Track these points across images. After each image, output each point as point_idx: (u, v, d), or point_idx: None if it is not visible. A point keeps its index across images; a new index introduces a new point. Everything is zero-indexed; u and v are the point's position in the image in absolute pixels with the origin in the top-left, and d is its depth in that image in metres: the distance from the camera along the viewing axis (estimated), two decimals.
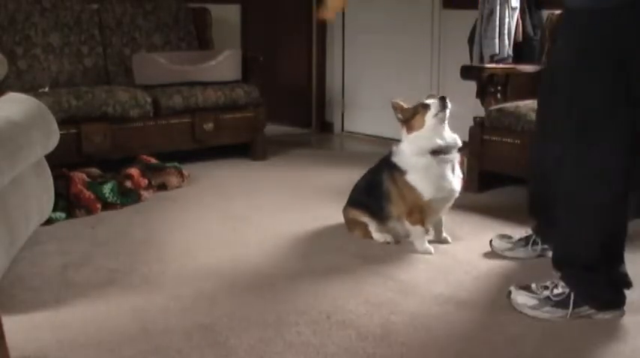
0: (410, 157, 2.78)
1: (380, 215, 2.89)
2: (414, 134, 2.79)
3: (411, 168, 2.77)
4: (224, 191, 3.83)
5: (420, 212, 2.79)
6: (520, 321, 2.18)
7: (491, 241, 2.80)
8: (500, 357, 1.97)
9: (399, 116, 2.84)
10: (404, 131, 2.84)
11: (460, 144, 2.82)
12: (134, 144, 4.09)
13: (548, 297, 2.19)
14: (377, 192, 2.88)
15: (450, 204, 2.86)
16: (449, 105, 2.73)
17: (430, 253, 2.79)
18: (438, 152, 2.75)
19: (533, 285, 2.25)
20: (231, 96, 4.49)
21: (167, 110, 4.24)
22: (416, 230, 2.81)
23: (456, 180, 2.80)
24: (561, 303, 2.17)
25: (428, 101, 2.79)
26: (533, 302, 2.21)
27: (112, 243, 2.94)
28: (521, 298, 2.23)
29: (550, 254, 2.63)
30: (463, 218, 3.27)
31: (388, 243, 2.89)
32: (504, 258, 2.73)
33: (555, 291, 2.19)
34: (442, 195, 2.78)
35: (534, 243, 2.71)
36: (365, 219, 2.94)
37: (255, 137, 4.64)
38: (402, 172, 2.79)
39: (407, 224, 2.82)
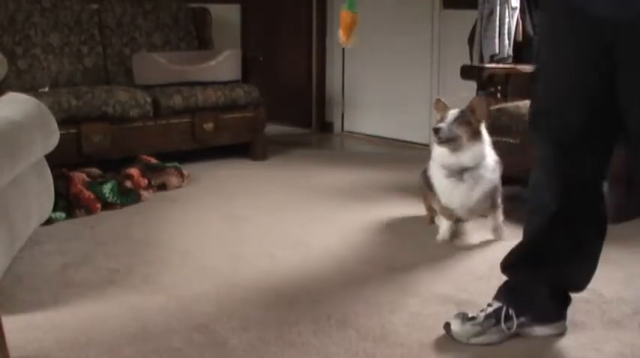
0: (433, 170, 2.91)
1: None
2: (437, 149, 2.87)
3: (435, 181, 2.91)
4: (224, 191, 3.83)
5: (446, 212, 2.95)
6: None
7: (448, 325, 2.04)
8: (500, 357, 1.97)
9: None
10: None
11: (476, 163, 2.79)
12: (134, 144, 4.09)
13: None
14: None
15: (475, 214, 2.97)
16: (440, 137, 2.71)
17: (443, 240, 2.93)
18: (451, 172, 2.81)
19: None
20: (231, 96, 4.48)
21: (167, 110, 4.24)
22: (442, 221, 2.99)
23: (469, 195, 2.82)
24: None
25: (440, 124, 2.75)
26: None
27: (112, 243, 2.94)
28: None
29: (530, 332, 2.05)
30: None
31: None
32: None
33: None
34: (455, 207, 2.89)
35: (507, 317, 2.02)
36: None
37: (255, 137, 4.63)
38: (431, 184, 2.94)
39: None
